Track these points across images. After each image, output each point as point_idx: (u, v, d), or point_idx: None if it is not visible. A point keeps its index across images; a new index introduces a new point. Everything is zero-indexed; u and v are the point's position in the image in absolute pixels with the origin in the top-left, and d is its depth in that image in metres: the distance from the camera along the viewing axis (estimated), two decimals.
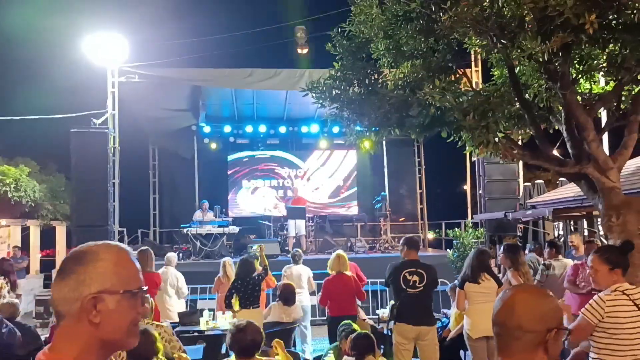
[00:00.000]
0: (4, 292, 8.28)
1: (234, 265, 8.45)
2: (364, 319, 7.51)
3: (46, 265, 16.69)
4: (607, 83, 6.08)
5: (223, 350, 6.37)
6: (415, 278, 5.73)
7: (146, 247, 8.04)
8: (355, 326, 5.33)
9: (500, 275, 6.44)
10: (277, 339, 4.56)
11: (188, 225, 13.29)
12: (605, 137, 9.28)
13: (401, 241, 6.09)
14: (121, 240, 13.49)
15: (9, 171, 13.17)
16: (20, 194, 13.36)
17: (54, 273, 15.22)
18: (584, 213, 9.49)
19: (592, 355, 3.51)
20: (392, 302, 6.05)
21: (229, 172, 18.15)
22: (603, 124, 5.99)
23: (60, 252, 16.54)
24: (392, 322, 5.84)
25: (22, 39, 20.33)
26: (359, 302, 7.49)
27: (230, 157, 18.19)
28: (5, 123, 12.93)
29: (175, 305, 8.33)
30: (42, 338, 6.42)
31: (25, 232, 16.27)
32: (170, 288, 8.28)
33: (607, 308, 3.40)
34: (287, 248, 13.53)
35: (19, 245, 14.77)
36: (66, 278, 1.34)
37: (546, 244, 8.43)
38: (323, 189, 18.51)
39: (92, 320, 1.31)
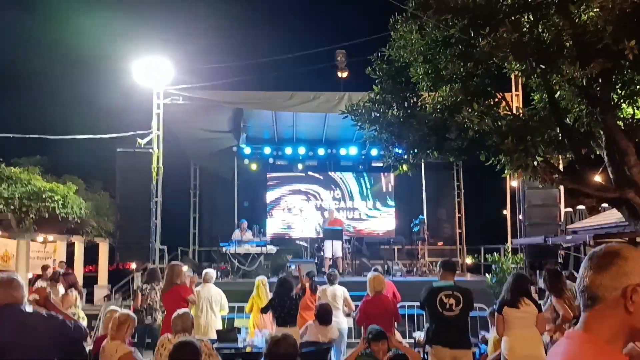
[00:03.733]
0: (78, 302, 8.50)
1: (267, 285, 8.54)
2: (400, 342, 7.45)
3: (88, 281, 17.06)
4: None
5: None
6: (452, 301, 5.71)
7: (176, 262, 8.20)
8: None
9: (542, 302, 6.34)
10: None
11: (227, 244, 13.49)
12: None
13: (438, 264, 6.09)
14: (161, 258, 13.74)
15: (58, 188, 13.60)
16: (67, 210, 13.74)
17: (96, 289, 15.67)
18: (626, 239, 9.27)
19: None
20: (428, 325, 6.03)
21: (267, 193, 18.36)
22: None
23: (102, 269, 16.87)
24: (427, 345, 5.82)
25: (73, 62, 21.25)
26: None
27: (270, 178, 18.42)
28: (55, 142, 13.44)
29: (218, 323, 8.38)
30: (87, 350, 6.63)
31: (70, 248, 16.70)
32: (214, 305, 8.33)
33: None
34: (323, 269, 13.52)
35: (64, 260, 15.17)
36: (607, 269, 1.50)
37: None
38: (360, 211, 18.53)
39: (628, 308, 1.47)
